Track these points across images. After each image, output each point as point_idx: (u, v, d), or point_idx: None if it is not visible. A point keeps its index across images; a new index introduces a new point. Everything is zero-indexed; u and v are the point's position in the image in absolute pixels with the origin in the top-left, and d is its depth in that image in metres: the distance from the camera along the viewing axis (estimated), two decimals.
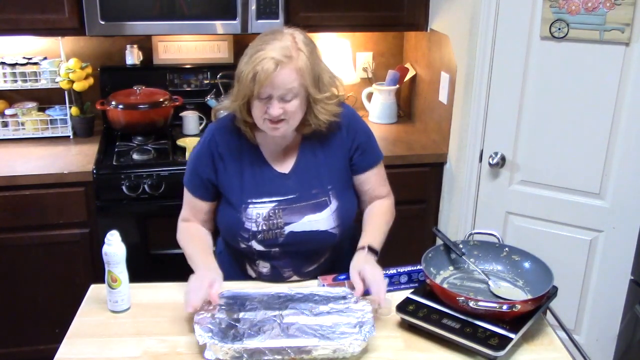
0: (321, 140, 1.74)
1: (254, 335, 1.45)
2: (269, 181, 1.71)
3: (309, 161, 1.74)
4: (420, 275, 1.72)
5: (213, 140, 1.73)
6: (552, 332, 1.56)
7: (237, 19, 2.56)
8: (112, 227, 1.67)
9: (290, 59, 1.55)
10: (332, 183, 1.73)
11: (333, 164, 1.75)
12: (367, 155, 1.78)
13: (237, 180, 1.71)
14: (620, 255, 2.29)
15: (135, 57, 2.87)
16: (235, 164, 1.72)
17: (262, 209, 1.69)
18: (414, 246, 1.84)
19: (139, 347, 1.49)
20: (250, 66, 1.55)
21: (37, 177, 2.39)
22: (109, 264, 1.57)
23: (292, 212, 1.70)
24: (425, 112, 2.92)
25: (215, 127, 1.76)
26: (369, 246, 1.68)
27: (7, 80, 2.69)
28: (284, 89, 1.56)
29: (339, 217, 1.73)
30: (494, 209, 2.51)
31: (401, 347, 1.50)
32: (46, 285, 2.53)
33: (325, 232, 1.72)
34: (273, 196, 1.70)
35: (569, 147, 2.30)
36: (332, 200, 1.72)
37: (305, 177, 1.72)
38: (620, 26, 2.09)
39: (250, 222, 1.69)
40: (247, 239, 1.70)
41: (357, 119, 1.79)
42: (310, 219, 1.70)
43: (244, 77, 1.56)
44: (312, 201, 1.71)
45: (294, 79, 1.56)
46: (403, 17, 2.74)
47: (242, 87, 1.59)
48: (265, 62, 1.53)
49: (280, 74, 1.54)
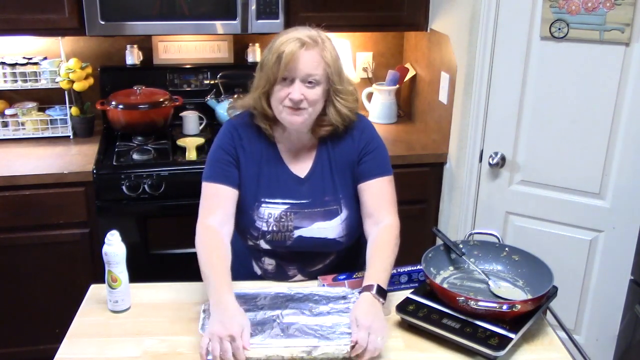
0: (336, 149, 1.74)
1: (254, 335, 1.45)
2: (284, 183, 1.71)
3: (324, 168, 1.73)
4: (420, 275, 1.72)
5: (236, 133, 1.72)
6: (552, 332, 1.56)
7: (237, 19, 2.56)
8: (112, 227, 1.67)
9: (315, 43, 1.59)
10: (344, 192, 1.73)
11: (345, 174, 1.74)
12: (371, 164, 1.72)
13: (254, 176, 1.71)
14: (620, 255, 2.29)
15: (135, 57, 2.87)
16: (253, 160, 1.71)
17: (275, 209, 1.69)
18: (414, 246, 1.84)
19: (139, 347, 1.49)
20: (275, 49, 1.58)
21: (37, 177, 2.39)
22: (109, 264, 1.57)
23: (303, 217, 1.70)
24: (425, 112, 2.92)
25: (236, 122, 1.75)
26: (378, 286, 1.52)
27: (7, 80, 2.69)
28: (307, 72, 1.58)
29: (348, 227, 1.72)
30: (494, 209, 2.51)
31: (401, 347, 1.50)
32: (46, 285, 2.53)
33: (333, 240, 1.71)
34: (287, 198, 1.70)
35: (569, 147, 2.30)
36: (343, 209, 1.72)
37: (320, 184, 1.72)
38: (620, 26, 2.09)
39: (261, 221, 1.69)
40: (256, 237, 1.71)
41: (370, 130, 1.78)
42: (319, 226, 1.70)
43: (268, 61, 1.59)
44: (324, 208, 1.71)
45: (318, 64, 1.59)
46: (403, 17, 2.74)
47: (264, 72, 1.61)
48: (290, 43, 1.56)
49: (306, 55, 1.57)
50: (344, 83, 1.67)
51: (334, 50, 1.64)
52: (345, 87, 1.67)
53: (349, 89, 1.69)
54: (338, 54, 1.66)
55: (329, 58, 1.61)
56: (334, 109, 1.67)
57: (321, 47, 1.60)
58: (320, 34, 1.63)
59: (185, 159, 2.54)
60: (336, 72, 1.63)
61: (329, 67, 1.61)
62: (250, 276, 1.80)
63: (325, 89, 1.63)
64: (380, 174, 1.72)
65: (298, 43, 1.56)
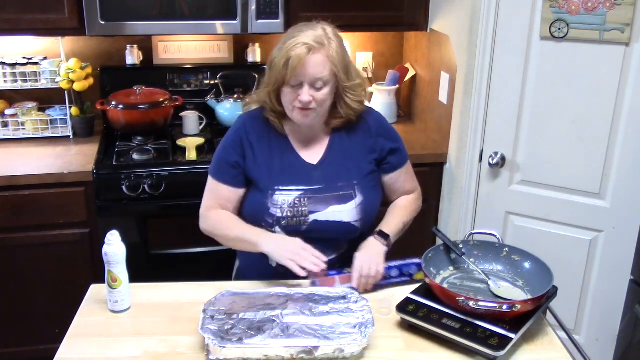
0: (350, 138, 1.80)
1: (253, 336, 1.45)
2: (297, 170, 1.76)
3: (337, 156, 1.79)
4: (410, 269, 1.74)
5: (243, 129, 1.78)
6: (552, 332, 1.56)
7: (237, 19, 2.56)
8: (112, 227, 1.67)
9: (322, 46, 1.63)
10: (358, 179, 1.78)
11: (359, 161, 1.80)
12: (396, 157, 1.85)
13: (266, 167, 1.75)
14: (620, 255, 2.29)
15: (135, 57, 2.87)
16: (264, 152, 1.76)
17: (289, 196, 1.73)
18: (414, 246, 1.84)
19: (139, 347, 1.48)
20: (284, 52, 1.63)
21: (37, 177, 2.39)
22: (109, 264, 1.57)
23: (318, 201, 1.73)
24: (425, 112, 2.92)
25: (246, 116, 1.82)
26: (379, 230, 1.74)
27: (7, 80, 2.69)
28: (315, 76, 1.62)
29: (363, 211, 1.77)
30: (494, 209, 2.51)
31: (401, 347, 1.50)
32: (46, 285, 2.53)
33: (348, 224, 1.75)
34: (300, 185, 1.74)
35: (569, 147, 2.30)
36: (358, 194, 1.76)
37: (332, 170, 1.77)
38: (620, 26, 2.09)
39: (275, 208, 1.72)
40: (271, 224, 1.73)
41: (385, 122, 1.87)
42: (334, 210, 1.74)
43: (277, 63, 1.64)
44: (338, 193, 1.75)
45: (325, 66, 1.63)
46: (403, 17, 2.74)
47: (273, 73, 1.66)
48: (298, 48, 1.61)
49: (312, 59, 1.61)
50: (352, 78, 1.72)
51: (340, 48, 1.67)
52: (354, 82, 1.72)
53: (357, 82, 1.74)
54: (345, 50, 1.70)
55: (336, 57, 1.65)
56: (345, 103, 1.74)
57: (327, 48, 1.64)
58: (327, 32, 1.67)
59: (185, 159, 2.54)
60: (343, 70, 1.68)
61: (336, 66, 1.65)
62: (264, 269, 1.78)
63: (333, 86, 1.68)
64: (405, 161, 1.90)
65: (305, 49, 1.61)
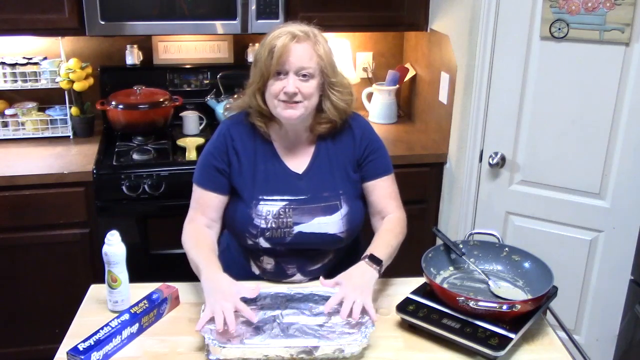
0: (336, 146, 1.76)
1: (253, 335, 1.45)
2: (282, 179, 1.72)
3: (323, 164, 1.74)
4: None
5: (228, 135, 1.74)
6: (552, 332, 1.56)
7: (237, 19, 2.56)
8: (112, 227, 1.67)
9: (307, 37, 1.61)
10: (344, 189, 1.74)
11: (345, 171, 1.75)
12: (376, 164, 1.77)
13: (250, 176, 1.71)
14: (620, 255, 2.29)
15: (135, 57, 2.87)
16: (248, 159, 1.72)
17: (273, 206, 1.69)
18: (414, 246, 1.84)
19: (139, 347, 1.49)
20: (267, 44, 1.60)
21: (37, 177, 2.39)
22: (109, 264, 1.57)
23: (303, 212, 1.70)
24: (425, 112, 2.92)
25: (230, 122, 1.77)
26: (371, 255, 1.61)
27: (7, 80, 2.69)
28: (300, 64, 1.59)
29: (348, 222, 1.72)
30: (494, 209, 2.51)
31: (401, 347, 1.50)
32: (46, 285, 2.53)
33: (333, 235, 1.71)
34: (284, 195, 1.70)
35: (569, 147, 2.30)
36: (343, 205, 1.72)
37: (318, 180, 1.73)
38: (620, 26, 2.09)
39: (259, 219, 1.68)
40: (255, 235, 1.70)
41: (370, 129, 1.82)
42: (320, 221, 1.70)
43: (261, 55, 1.62)
44: (323, 204, 1.71)
45: (311, 58, 1.61)
46: (403, 17, 2.74)
47: (258, 67, 1.63)
48: (282, 37, 1.59)
49: (298, 48, 1.59)
50: (338, 76, 1.69)
51: (326, 44, 1.65)
52: (340, 79, 1.69)
53: (344, 81, 1.71)
54: (331, 49, 1.67)
55: (322, 51, 1.62)
56: (330, 103, 1.69)
57: (313, 41, 1.62)
58: (312, 29, 1.65)
59: (185, 159, 2.54)
60: (329, 64, 1.65)
61: (322, 60, 1.63)
62: (248, 277, 1.79)
63: (319, 82, 1.65)
64: (385, 172, 1.78)
65: (289, 36, 1.59)
